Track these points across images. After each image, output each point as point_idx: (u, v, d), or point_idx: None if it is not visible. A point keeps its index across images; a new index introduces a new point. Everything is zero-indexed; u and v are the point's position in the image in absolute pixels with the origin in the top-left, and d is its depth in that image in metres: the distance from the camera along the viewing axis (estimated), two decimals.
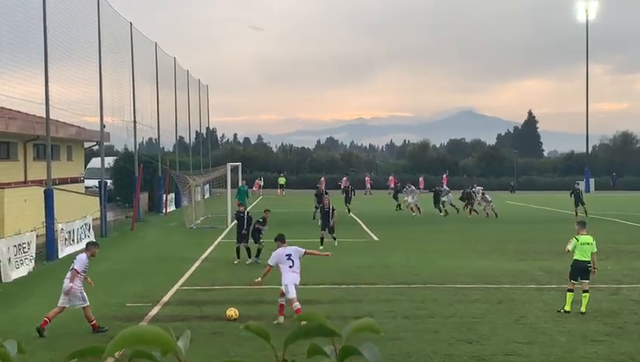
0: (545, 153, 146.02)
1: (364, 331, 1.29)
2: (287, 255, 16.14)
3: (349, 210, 44.05)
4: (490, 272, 22.25)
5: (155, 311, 16.91)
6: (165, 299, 18.37)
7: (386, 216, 44.59)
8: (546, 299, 18.23)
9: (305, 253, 16.42)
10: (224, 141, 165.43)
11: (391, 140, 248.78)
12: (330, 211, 28.74)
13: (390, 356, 12.87)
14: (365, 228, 36.95)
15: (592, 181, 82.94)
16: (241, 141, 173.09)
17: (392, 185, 64.25)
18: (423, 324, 15.40)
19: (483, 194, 46.42)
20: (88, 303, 15.21)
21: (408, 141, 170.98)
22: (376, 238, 31.74)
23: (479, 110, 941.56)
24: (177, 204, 50.81)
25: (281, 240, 16.79)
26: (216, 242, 30.86)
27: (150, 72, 50.15)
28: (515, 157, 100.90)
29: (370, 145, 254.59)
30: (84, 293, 15.26)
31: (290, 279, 15.83)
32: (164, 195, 48.07)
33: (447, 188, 48.24)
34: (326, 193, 36.85)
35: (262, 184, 74.82)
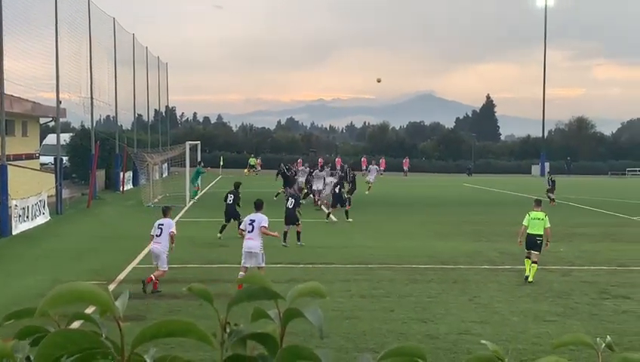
0: (502, 137, 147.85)
1: (309, 294, 1.29)
2: (250, 220, 16.77)
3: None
4: (446, 253, 22.50)
5: (110, 288, 16.69)
6: (121, 276, 18.24)
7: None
8: (500, 279, 18.51)
9: (264, 226, 16.61)
10: (183, 120, 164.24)
11: (351, 122, 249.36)
12: (295, 201, 25.25)
13: (346, 334, 12.97)
14: (324, 208, 37.02)
15: (547, 165, 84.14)
16: (201, 120, 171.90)
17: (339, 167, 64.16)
18: (379, 303, 15.53)
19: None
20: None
21: (368, 123, 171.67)
22: (335, 219, 31.84)
23: (439, 93, 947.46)
24: (135, 182, 50.31)
25: (255, 206, 17.52)
26: (174, 221, 30.60)
27: (108, 48, 49.43)
28: (473, 141, 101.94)
29: (330, 126, 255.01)
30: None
31: (245, 245, 16.61)
32: (122, 173, 47.56)
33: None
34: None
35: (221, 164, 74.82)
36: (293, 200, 25.15)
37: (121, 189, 46.60)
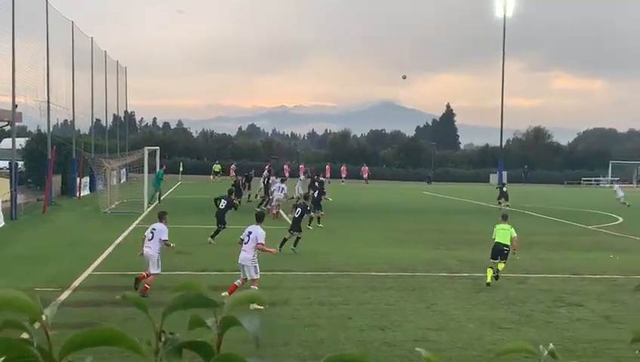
0: (461, 146, 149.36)
1: (248, 302, 1.27)
2: (248, 232, 16.84)
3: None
4: (405, 260, 22.61)
5: (65, 295, 16.51)
6: (76, 283, 17.96)
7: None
8: (457, 287, 18.65)
9: (260, 243, 16.64)
10: (143, 125, 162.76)
11: (313, 129, 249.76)
12: (302, 210, 25.51)
13: (304, 342, 12.95)
14: (284, 215, 36.95)
15: (504, 174, 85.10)
16: (161, 125, 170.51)
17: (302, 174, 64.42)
18: (337, 311, 15.53)
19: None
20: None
21: (330, 130, 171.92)
22: (321, 225, 31.72)
23: (400, 102, 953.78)
24: (92, 187, 49.69)
25: (257, 218, 17.62)
26: (131, 227, 30.33)
27: (66, 51, 48.83)
28: (432, 150, 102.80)
29: (292, 133, 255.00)
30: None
31: (239, 256, 16.62)
32: (78, 179, 46.94)
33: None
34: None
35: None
36: (300, 209, 25.57)
37: (77, 195, 45.98)
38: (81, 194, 46.48)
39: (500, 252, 19.18)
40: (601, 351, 13.02)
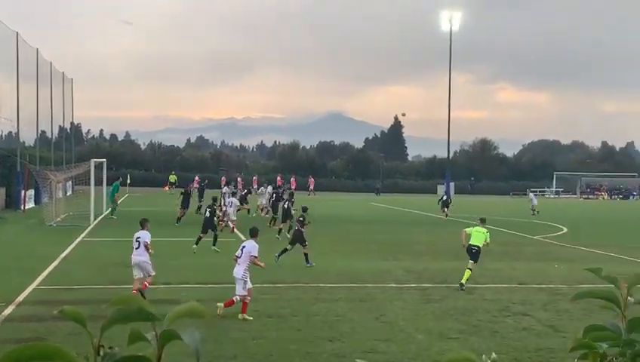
0: (409, 157, 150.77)
1: (187, 315, 1.27)
2: (242, 246, 17.03)
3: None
4: (354, 272, 22.67)
5: (8, 310, 16.14)
6: (20, 298, 17.56)
7: (253, 217, 44.56)
8: (405, 297, 18.78)
9: (254, 256, 16.67)
10: (89, 136, 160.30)
11: (262, 141, 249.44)
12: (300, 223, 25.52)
13: (253, 355, 12.88)
14: (231, 224, 36.76)
15: (452, 185, 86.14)
16: (108, 137, 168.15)
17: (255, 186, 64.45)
18: (286, 323, 15.49)
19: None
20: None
21: (279, 142, 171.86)
22: (243, 238, 31.60)
23: (348, 113, 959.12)
24: (37, 200, 48.77)
25: (250, 233, 17.54)
26: (77, 240, 29.84)
27: (10, 62, 47.91)
28: (381, 161, 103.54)
29: (241, 145, 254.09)
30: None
31: (234, 270, 16.75)
32: (23, 191, 46.04)
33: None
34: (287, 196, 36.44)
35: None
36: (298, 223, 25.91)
37: (22, 208, 45.10)
38: (26, 207, 45.61)
39: (469, 252, 20.61)
40: (546, 359, 13.23)
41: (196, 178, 75.43)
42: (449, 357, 1.90)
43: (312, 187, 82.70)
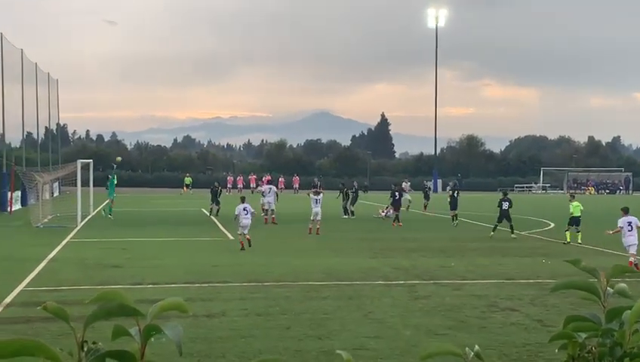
0: (397, 154, 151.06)
1: (171, 310, 1.28)
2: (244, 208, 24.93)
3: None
4: (342, 269, 22.70)
5: None
6: (7, 300, 17.48)
7: None
8: (393, 294, 18.82)
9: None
10: (76, 137, 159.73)
11: (249, 140, 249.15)
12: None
13: (241, 353, 12.87)
14: (221, 227, 36.77)
15: (439, 181, 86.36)
16: (94, 138, 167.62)
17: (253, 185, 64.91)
18: (275, 321, 15.49)
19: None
20: None
21: (266, 141, 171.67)
22: (231, 237, 31.63)
23: (335, 112, 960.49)
24: (24, 202, 48.58)
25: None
26: (64, 241, 29.74)
27: None
28: (368, 159, 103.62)
29: (227, 144, 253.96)
30: None
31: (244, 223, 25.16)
32: (9, 193, 45.83)
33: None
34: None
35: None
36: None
37: (8, 210, 44.92)
38: (13, 209, 45.42)
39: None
40: (534, 354, 13.29)
41: (229, 178, 76.36)
42: (431, 349, 1.92)
43: (296, 185, 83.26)
